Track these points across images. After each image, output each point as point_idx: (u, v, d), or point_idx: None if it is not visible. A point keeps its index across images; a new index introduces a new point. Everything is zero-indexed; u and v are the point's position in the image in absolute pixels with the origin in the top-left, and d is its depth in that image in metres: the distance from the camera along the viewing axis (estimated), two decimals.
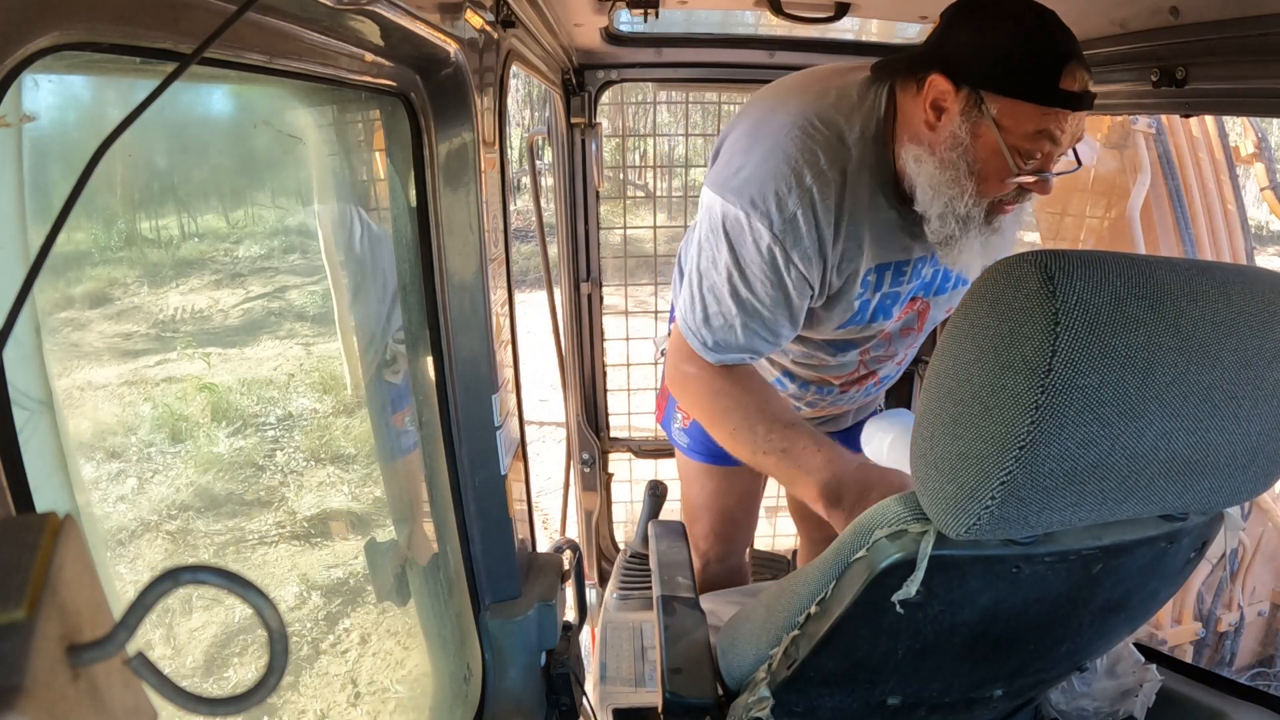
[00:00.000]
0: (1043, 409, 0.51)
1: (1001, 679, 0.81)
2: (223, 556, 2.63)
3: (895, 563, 0.64)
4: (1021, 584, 0.66)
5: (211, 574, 0.24)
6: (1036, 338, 0.51)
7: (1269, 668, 2.91)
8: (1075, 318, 0.50)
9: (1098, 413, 0.51)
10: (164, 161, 2.59)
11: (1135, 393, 0.52)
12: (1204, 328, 0.53)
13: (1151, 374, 0.52)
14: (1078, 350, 0.50)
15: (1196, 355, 0.53)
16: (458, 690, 0.99)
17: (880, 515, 0.66)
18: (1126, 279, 0.51)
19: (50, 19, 0.33)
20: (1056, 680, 0.89)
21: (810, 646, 0.72)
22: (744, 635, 0.86)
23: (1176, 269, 0.54)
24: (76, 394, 2.89)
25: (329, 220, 0.98)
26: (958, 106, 0.90)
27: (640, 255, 2.20)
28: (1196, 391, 0.53)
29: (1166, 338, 0.52)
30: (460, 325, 0.86)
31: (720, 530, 1.50)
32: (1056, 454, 0.53)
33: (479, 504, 0.94)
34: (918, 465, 0.62)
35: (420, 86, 0.75)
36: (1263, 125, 3.21)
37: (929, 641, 0.72)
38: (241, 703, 0.24)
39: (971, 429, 0.55)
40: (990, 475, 0.54)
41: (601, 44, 1.58)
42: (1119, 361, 0.51)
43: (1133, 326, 0.51)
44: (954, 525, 0.58)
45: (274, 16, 0.50)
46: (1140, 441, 0.53)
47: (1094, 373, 0.51)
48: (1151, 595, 0.77)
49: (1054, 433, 0.52)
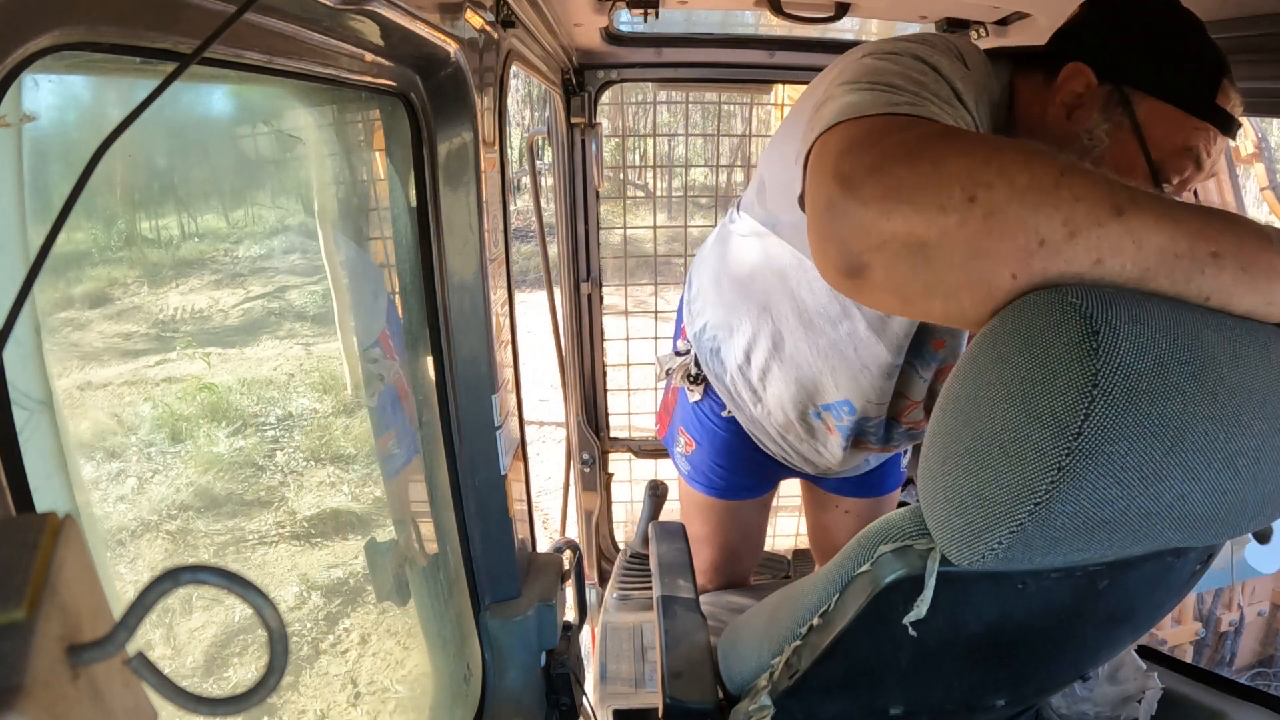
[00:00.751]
0: (1065, 470, 0.49)
1: (1004, 688, 0.81)
2: (223, 556, 2.63)
3: (899, 578, 0.63)
4: (1027, 598, 0.66)
5: (211, 574, 0.24)
6: (1071, 396, 0.47)
7: (1269, 668, 2.91)
8: (1115, 382, 0.47)
9: (1119, 477, 0.49)
10: (164, 161, 2.59)
11: (1160, 460, 0.50)
12: (1240, 395, 0.50)
13: (1180, 443, 0.50)
14: (1111, 418, 0.47)
15: (1229, 424, 0.50)
16: (458, 690, 0.99)
17: (885, 529, 0.66)
18: (1172, 340, 0.48)
19: (50, 19, 0.33)
20: (1059, 688, 0.89)
21: (813, 657, 0.72)
22: (745, 641, 0.86)
23: (1223, 329, 0.50)
24: (76, 394, 2.89)
25: (328, 220, 0.98)
26: (1098, 102, 0.78)
27: (640, 255, 2.20)
28: (1221, 458, 0.51)
29: (1202, 406, 0.49)
30: (460, 325, 0.86)
31: (721, 565, 1.45)
32: (1070, 511, 0.51)
33: (479, 504, 0.94)
34: (925, 485, 0.60)
35: (420, 86, 0.75)
36: (1263, 125, 3.21)
37: (932, 653, 0.72)
38: (241, 703, 0.24)
39: (988, 470, 0.53)
40: (1001, 523, 0.53)
41: (601, 44, 1.58)
42: (1150, 430, 0.48)
43: (1171, 394, 0.48)
44: (959, 557, 0.58)
45: (274, 16, 0.50)
46: (1156, 503, 0.52)
47: (1123, 440, 0.48)
48: (1157, 607, 0.77)
49: (1072, 493, 0.50)
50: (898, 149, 0.54)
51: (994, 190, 0.49)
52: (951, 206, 0.50)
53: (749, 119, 2.97)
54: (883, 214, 0.52)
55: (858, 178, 0.54)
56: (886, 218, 0.52)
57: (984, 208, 0.49)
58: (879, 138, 0.57)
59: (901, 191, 0.51)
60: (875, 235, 0.52)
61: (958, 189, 0.50)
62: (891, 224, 0.51)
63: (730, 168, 2.96)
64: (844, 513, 1.50)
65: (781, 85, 2.41)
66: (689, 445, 1.35)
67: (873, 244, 0.53)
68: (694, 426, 1.33)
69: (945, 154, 0.52)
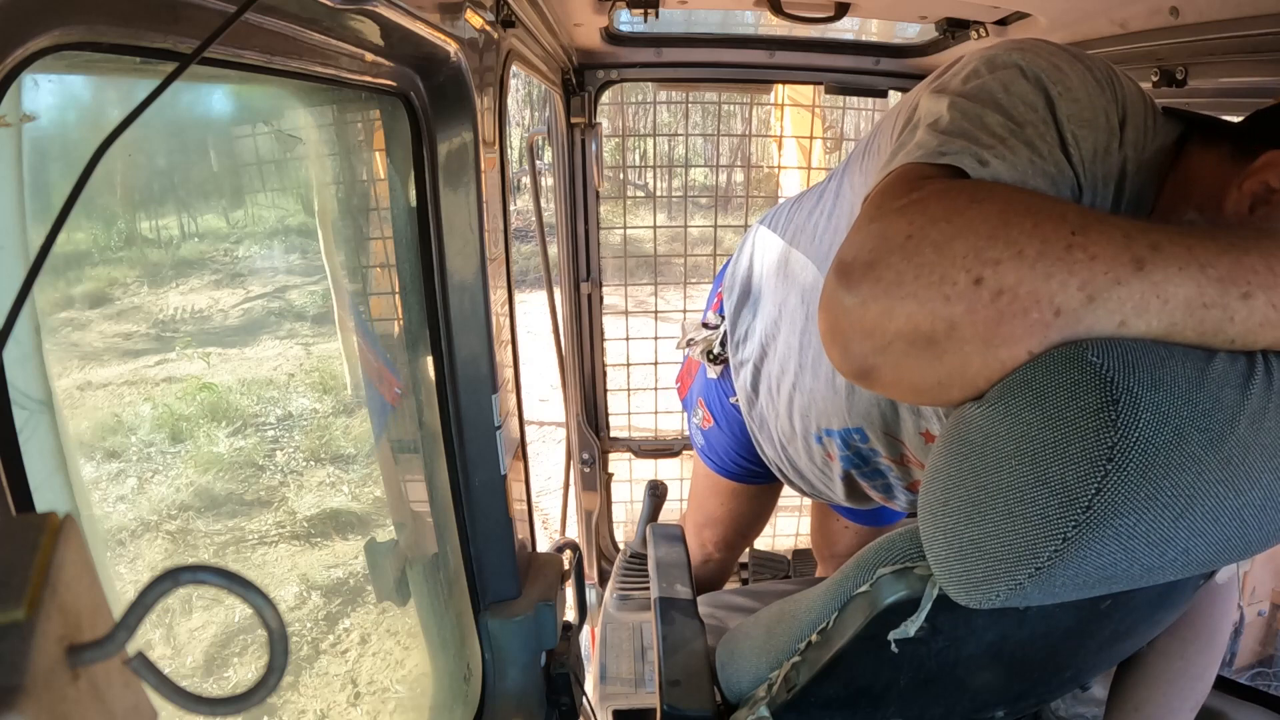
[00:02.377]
0: (1070, 540, 0.47)
1: (1004, 702, 0.81)
2: (223, 556, 2.63)
3: (898, 601, 0.62)
4: (1028, 621, 0.66)
5: (211, 574, 0.24)
6: (1083, 466, 0.45)
7: (1269, 667, 2.91)
8: (1131, 458, 0.45)
9: (1125, 545, 0.48)
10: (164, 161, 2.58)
11: (1169, 527, 0.48)
12: (1253, 454, 0.48)
13: (1190, 510, 0.48)
14: (1124, 492, 0.46)
15: (1239, 483, 0.49)
16: (457, 690, 0.99)
17: (885, 550, 0.65)
18: (1193, 407, 0.46)
19: (50, 19, 0.33)
20: (1059, 697, 0.89)
21: (811, 674, 0.72)
22: (743, 652, 0.86)
23: (1240, 382, 0.48)
24: (76, 394, 2.89)
25: (329, 220, 0.97)
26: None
27: (640, 255, 2.20)
28: (1229, 514, 0.50)
29: (1215, 472, 0.47)
30: (460, 325, 0.86)
31: (730, 539, 1.46)
32: (1072, 575, 0.50)
33: (479, 504, 0.94)
34: (925, 520, 0.58)
35: (420, 86, 0.75)
36: None
37: (932, 672, 0.71)
38: (241, 703, 0.24)
39: (990, 524, 0.51)
40: (999, 579, 0.52)
41: (601, 44, 1.58)
42: (1162, 502, 0.47)
43: (1187, 466, 0.46)
44: (958, 597, 0.57)
45: (274, 16, 0.50)
46: (1161, 559, 0.51)
47: (1134, 514, 0.47)
48: (1158, 623, 0.77)
49: (1075, 562, 0.49)
50: (900, 233, 0.50)
51: (1001, 267, 0.46)
52: (957, 295, 0.46)
53: (749, 119, 2.97)
54: (884, 314, 0.49)
55: (856, 272, 0.50)
56: (889, 318, 0.48)
57: (991, 289, 0.46)
58: (887, 204, 0.53)
59: (902, 287, 0.48)
60: (878, 338, 0.49)
61: (962, 274, 0.46)
62: (895, 323, 0.48)
63: (730, 168, 2.96)
64: (844, 528, 1.50)
65: (781, 85, 2.41)
66: (706, 420, 1.30)
67: (876, 347, 0.50)
68: (713, 402, 1.27)
69: (950, 234, 0.48)
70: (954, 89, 0.64)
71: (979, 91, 0.63)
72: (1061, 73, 0.64)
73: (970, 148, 0.58)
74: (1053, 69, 0.64)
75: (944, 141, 0.58)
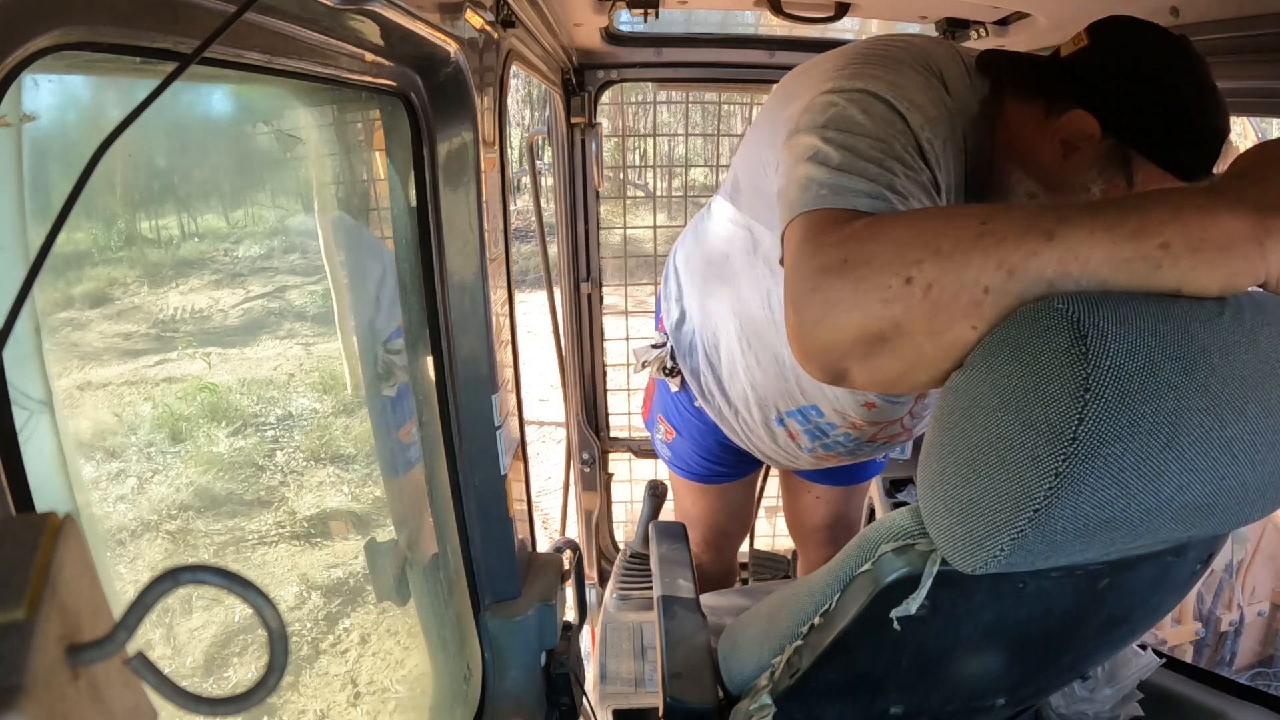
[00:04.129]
0: (1062, 475, 0.49)
1: (1004, 689, 0.81)
2: (223, 556, 2.63)
3: (900, 578, 0.63)
4: (1027, 600, 0.66)
5: (211, 574, 0.24)
6: (1063, 402, 0.48)
7: (1269, 667, 2.91)
8: (1106, 385, 0.47)
9: (1117, 477, 0.50)
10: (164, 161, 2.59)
11: (1157, 456, 0.50)
12: (1232, 384, 0.51)
13: (1176, 437, 0.50)
14: (1105, 420, 0.48)
15: (1222, 413, 0.51)
16: (457, 690, 0.99)
17: (887, 529, 0.66)
18: (1160, 337, 0.49)
19: (50, 19, 0.33)
20: (1058, 688, 0.89)
21: (813, 657, 0.72)
22: (745, 642, 0.86)
23: (1209, 319, 0.51)
24: (76, 394, 2.89)
25: (329, 220, 0.98)
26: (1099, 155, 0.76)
27: (640, 255, 2.20)
28: (1217, 446, 0.52)
29: (1195, 399, 0.50)
30: (460, 325, 0.86)
31: (711, 540, 1.52)
32: (1070, 514, 0.51)
33: (479, 504, 0.94)
34: (925, 494, 0.60)
35: (420, 86, 0.75)
36: (1263, 125, 3.21)
37: (932, 654, 0.72)
38: (241, 703, 0.24)
39: (985, 479, 0.53)
40: (1001, 530, 0.53)
41: (601, 44, 1.58)
42: (1145, 429, 0.49)
43: (1163, 392, 0.48)
44: (961, 564, 0.58)
45: (274, 16, 0.50)
46: (1156, 497, 0.52)
47: (1119, 442, 0.48)
48: (1156, 607, 0.77)
49: (1070, 497, 0.50)
50: (835, 258, 0.57)
51: (924, 264, 0.52)
52: (892, 296, 0.53)
53: (749, 119, 2.97)
54: (836, 329, 0.56)
55: (803, 300, 0.58)
56: (840, 331, 0.56)
57: (921, 284, 0.53)
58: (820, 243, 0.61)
59: (843, 303, 0.56)
60: (839, 348, 0.57)
61: (893, 278, 0.53)
62: (848, 333, 0.56)
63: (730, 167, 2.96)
64: (815, 498, 1.53)
65: None
66: (669, 433, 1.38)
67: (840, 355, 0.57)
68: (672, 414, 1.35)
69: (877, 250, 0.55)
70: (821, 123, 0.72)
71: (843, 120, 0.71)
72: (899, 86, 0.74)
73: (862, 182, 0.66)
74: (892, 86, 0.74)
75: (838, 179, 0.67)
